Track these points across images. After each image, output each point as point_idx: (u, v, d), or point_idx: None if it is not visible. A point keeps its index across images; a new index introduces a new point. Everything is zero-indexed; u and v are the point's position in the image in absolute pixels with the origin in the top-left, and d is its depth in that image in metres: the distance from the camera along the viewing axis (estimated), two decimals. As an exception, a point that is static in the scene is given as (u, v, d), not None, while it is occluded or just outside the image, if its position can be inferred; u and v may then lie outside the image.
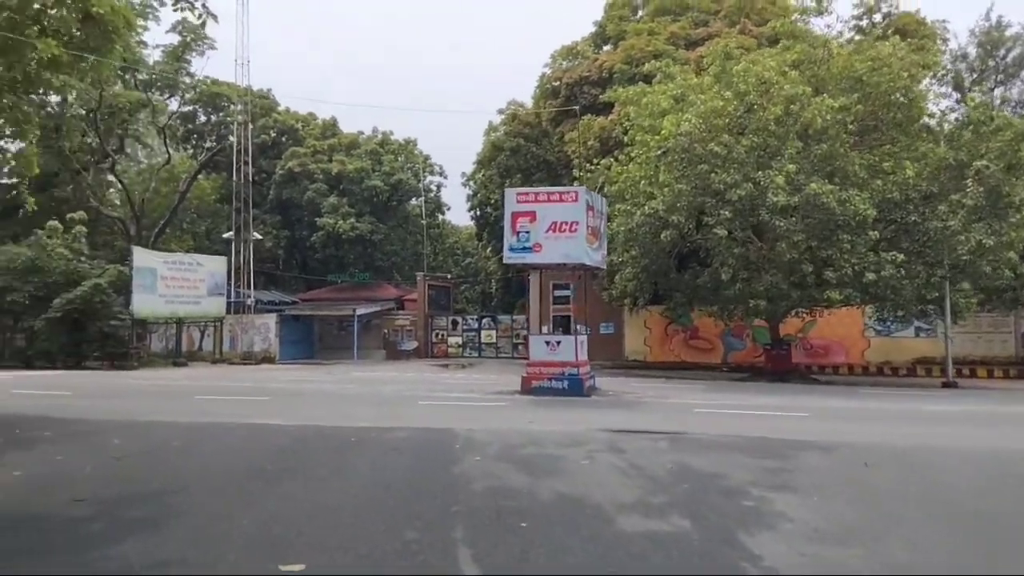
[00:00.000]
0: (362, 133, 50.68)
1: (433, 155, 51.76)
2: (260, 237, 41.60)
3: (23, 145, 19.32)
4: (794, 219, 22.31)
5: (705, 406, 16.23)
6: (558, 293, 42.44)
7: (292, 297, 47.08)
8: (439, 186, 51.29)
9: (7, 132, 18.34)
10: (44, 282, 32.18)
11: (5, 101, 16.43)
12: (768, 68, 23.42)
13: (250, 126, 43.85)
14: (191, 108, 48.44)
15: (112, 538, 6.14)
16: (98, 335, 32.25)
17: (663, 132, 23.62)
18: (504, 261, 19.65)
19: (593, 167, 29.44)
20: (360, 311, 41.73)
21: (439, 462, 9.39)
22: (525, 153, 40.60)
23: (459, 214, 57.50)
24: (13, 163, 27.05)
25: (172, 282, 35.09)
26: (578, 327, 41.48)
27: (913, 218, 23.51)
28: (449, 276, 47.38)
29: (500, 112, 42.52)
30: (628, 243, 25.68)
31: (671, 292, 27.24)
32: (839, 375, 32.06)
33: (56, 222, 34.68)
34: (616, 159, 27.49)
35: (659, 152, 23.84)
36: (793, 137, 23.01)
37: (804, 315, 29.23)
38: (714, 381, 26.00)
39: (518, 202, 18.60)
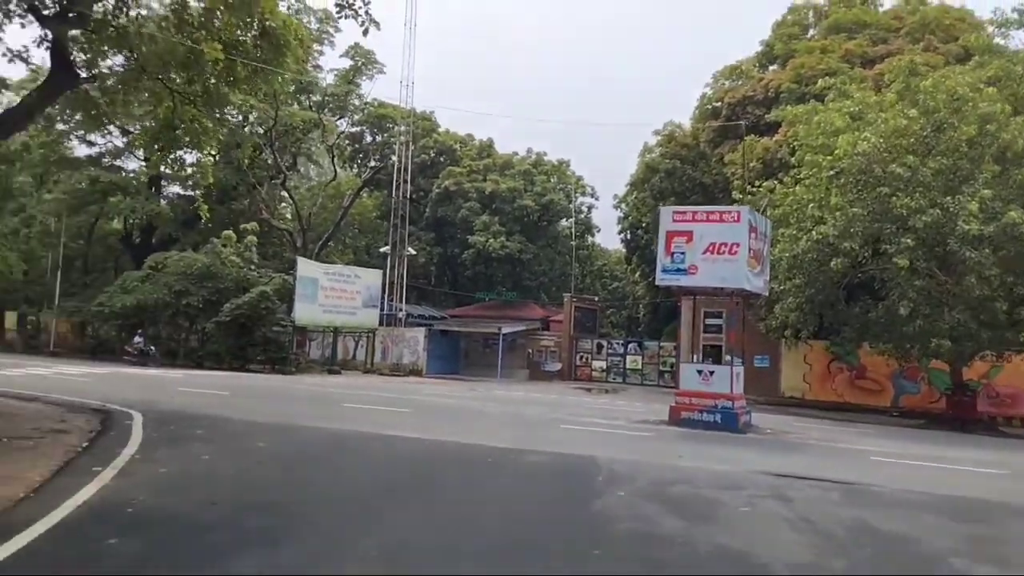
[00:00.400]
0: (516, 154, 51.13)
1: (585, 177, 51.46)
2: (414, 253, 42.63)
3: (199, 156, 20.72)
4: (987, 251, 19.84)
5: (881, 454, 14.45)
6: (710, 321, 40.89)
7: (441, 312, 47.90)
8: (590, 207, 50.93)
9: (187, 142, 19.50)
10: (217, 288, 34.35)
11: (187, 113, 17.40)
12: (961, 84, 21.10)
13: (411, 146, 45.25)
14: (359, 129, 50.74)
15: (233, 551, 5.84)
16: (262, 340, 33.95)
17: (837, 152, 21.78)
18: (656, 283, 18.64)
19: (755, 189, 27.78)
20: (505, 329, 41.71)
21: (579, 495, 8.63)
22: (681, 175, 39.26)
23: (609, 237, 56.83)
24: (191, 171, 29.06)
25: (331, 292, 36.47)
26: (731, 358, 39.52)
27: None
28: (596, 299, 46.57)
29: (656, 133, 41.54)
30: (792, 271, 23.85)
31: (838, 326, 25.04)
32: (1028, 426, 28.33)
33: (230, 232, 37.04)
34: (780, 181, 25.76)
35: (831, 173, 21.99)
36: (989, 160, 20.56)
37: (992, 359, 26.04)
38: (885, 426, 23.55)
39: (674, 220, 17.59)
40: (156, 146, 20.26)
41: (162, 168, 42.31)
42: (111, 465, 9.22)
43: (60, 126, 38.95)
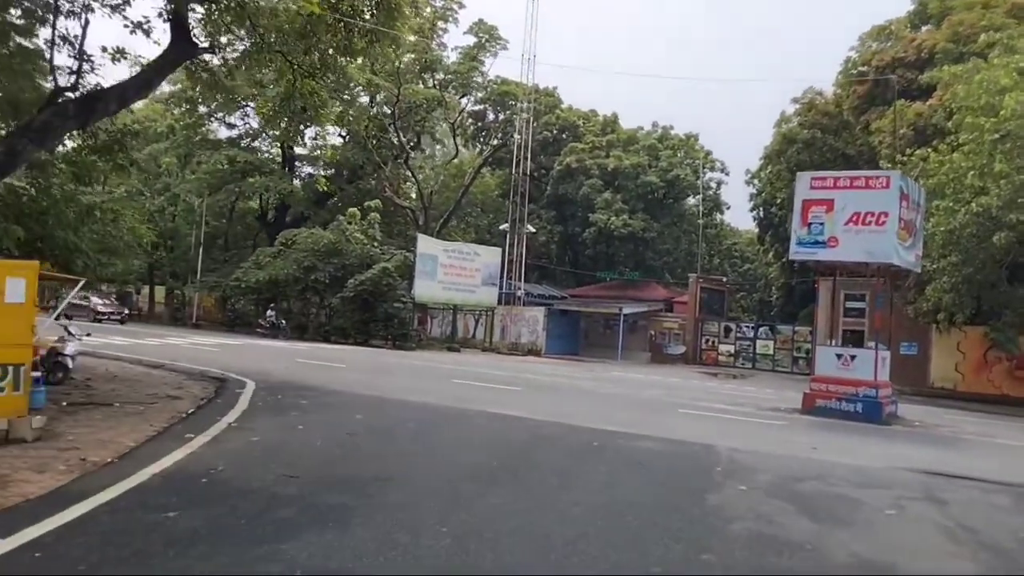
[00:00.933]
0: (641, 128, 49.31)
1: (715, 151, 48.90)
2: (533, 231, 41.96)
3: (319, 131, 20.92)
4: None
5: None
6: (850, 304, 37.76)
7: (561, 292, 47.09)
8: (719, 183, 48.19)
9: (306, 116, 19.53)
10: (342, 264, 35.04)
11: (306, 86, 17.37)
12: None
13: (532, 122, 44.53)
14: (482, 107, 50.49)
15: (294, 530, 5.28)
16: (383, 315, 34.36)
17: (1003, 112, 19.14)
18: (790, 257, 16.97)
19: (905, 159, 25.20)
20: (626, 310, 40.45)
21: (691, 487, 7.61)
22: (821, 146, 36.44)
23: (740, 215, 53.89)
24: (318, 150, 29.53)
25: (450, 270, 36.47)
26: (875, 343, 36.63)
27: None
28: (725, 280, 44.26)
29: (794, 101, 38.60)
30: (947, 247, 21.43)
31: (999, 309, 22.23)
32: None
33: (355, 209, 37.71)
34: (935, 149, 23.11)
35: (996, 136, 19.37)
36: None
37: None
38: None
39: (812, 187, 15.90)
40: (279, 121, 20.51)
41: (288, 145, 43.99)
42: (205, 432, 9.05)
43: (202, 108, 41.01)
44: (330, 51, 16.48)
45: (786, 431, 13.36)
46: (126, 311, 42.23)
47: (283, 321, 35.68)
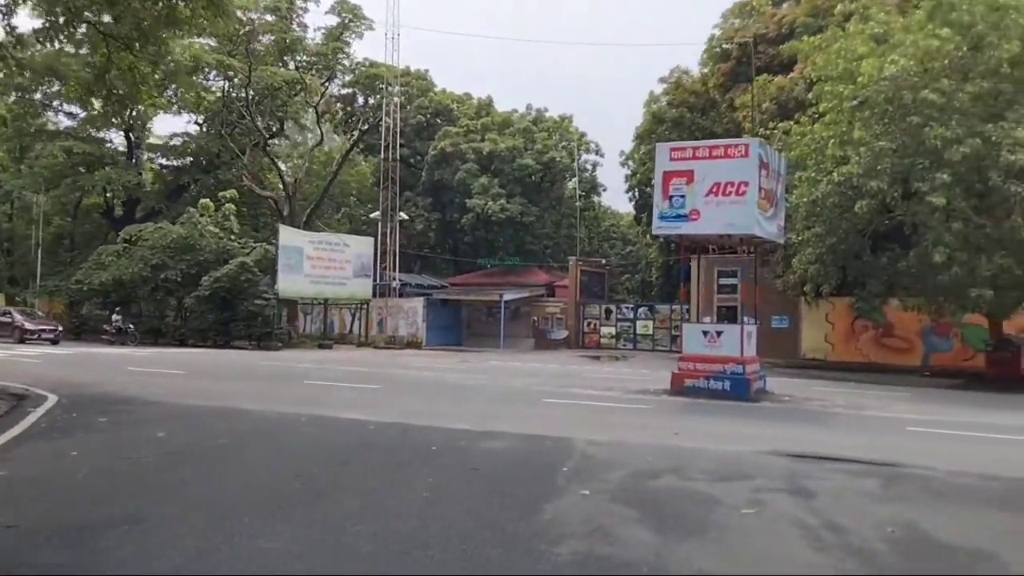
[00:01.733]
0: (516, 111, 48.46)
1: (590, 133, 48.64)
2: (406, 218, 40.33)
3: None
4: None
5: (920, 422, 12.14)
6: (723, 281, 38.42)
7: (442, 281, 45.76)
8: (595, 165, 47.98)
9: (122, 93, 17.30)
10: (196, 260, 32.35)
11: (124, 61, 15.37)
12: (1002, -6, 18.42)
13: (403, 106, 42.90)
14: (350, 91, 48.27)
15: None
16: (245, 314, 32.03)
17: (860, 79, 19.14)
18: (654, 231, 16.29)
19: (768, 132, 25.20)
20: (507, 297, 39.52)
21: (527, 497, 6.43)
22: (689, 125, 36.54)
23: (618, 197, 53.64)
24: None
25: (318, 262, 34.39)
26: (746, 319, 37.01)
27: None
28: (604, 261, 44.10)
29: (662, 80, 38.66)
30: (811, 218, 21.40)
31: (863, 279, 22.46)
32: (1079, 384, 25.80)
33: (207, 200, 34.97)
34: (797, 121, 23.13)
35: (854, 103, 19.36)
36: (1037, 80, 17.95)
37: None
38: (917, 388, 21.15)
39: (672, 159, 15.19)
40: (93, 100, 18.27)
41: (134, 133, 40.49)
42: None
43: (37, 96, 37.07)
44: (146, 22, 14.51)
45: (651, 415, 12.56)
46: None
47: (131, 326, 32.58)
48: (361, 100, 48.94)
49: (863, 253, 21.84)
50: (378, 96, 47.83)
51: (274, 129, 44.88)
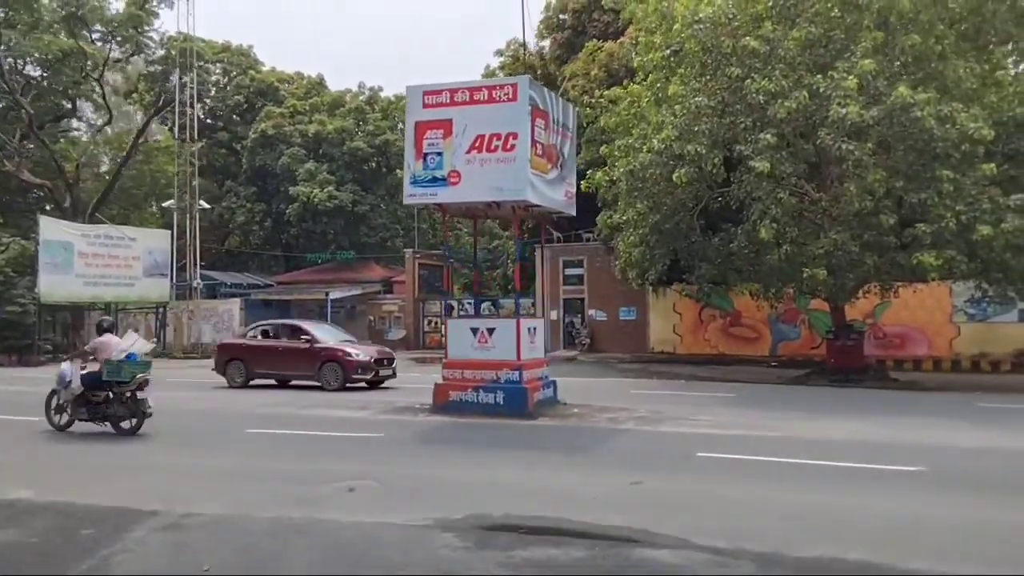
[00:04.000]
0: (349, 91, 44.12)
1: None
2: (207, 206, 35.24)
3: None
4: (869, 145, 14.91)
5: (721, 442, 9.09)
6: (569, 271, 35.63)
7: (267, 280, 40.93)
8: None
9: None
10: (-65, 263, 26.54)
11: None
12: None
13: (176, 75, 37.87)
14: (158, 68, 42.56)
15: None
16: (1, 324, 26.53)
17: (676, 27, 16.30)
18: (405, 200, 12.67)
19: (595, 101, 22.33)
20: (335, 295, 35.42)
21: None
22: (527, 102, 33.47)
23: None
24: None
25: (95, 260, 29.01)
26: (594, 311, 33.99)
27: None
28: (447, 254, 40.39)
29: (498, 54, 35.34)
30: (632, 194, 18.53)
31: (693, 263, 19.82)
32: (922, 371, 24.41)
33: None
34: (624, 87, 20.26)
35: (667, 53, 16.50)
36: (868, 27, 15.57)
37: (877, 292, 21.72)
38: (752, 385, 18.72)
39: (426, 105, 11.63)
40: None
41: None
42: None
43: None
44: None
45: (380, 449, 8.99)
46: None
47: None
48: (174, 79, 43.26)
49: (692, 233, 19.15)
50: (192, 73, 42.44)
51: (66, 107, 38.80)
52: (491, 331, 11.72)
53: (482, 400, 11.43)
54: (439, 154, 11.31)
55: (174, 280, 33.36)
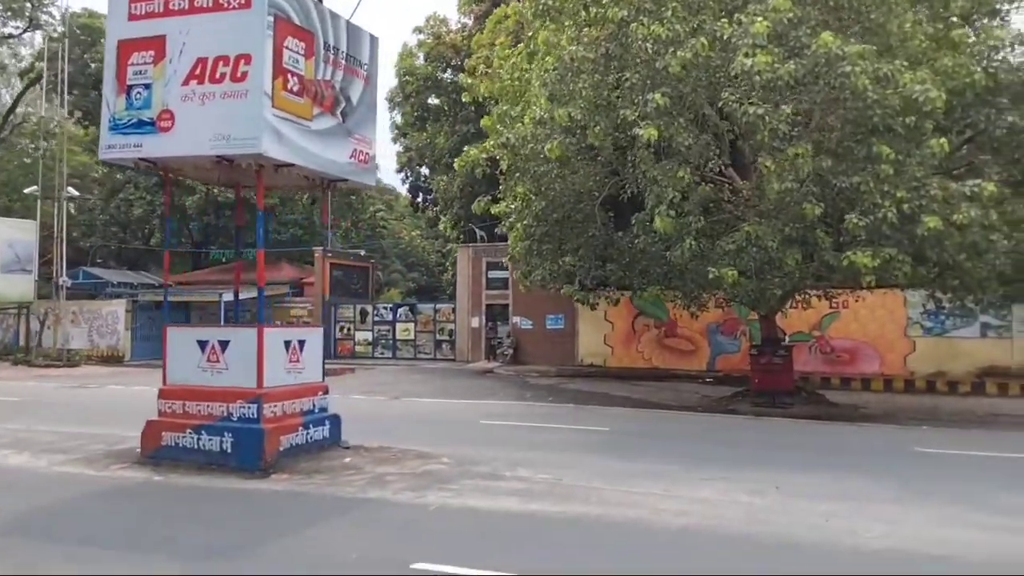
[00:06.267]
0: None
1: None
2: (76, 194, 31.23)
3: None
4: (785, 108, 11.55)
5: (489, 528, 5.66)
6: (493, 274, 32.04)
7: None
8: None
9: None
10: None
11: None
12: None
13: (62, 50, 34.11)
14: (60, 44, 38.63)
15: None
16: None
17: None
18: (100, 156, 8.92)
19: (493, 71, 18.94)
20: (229, 296, 31.55)
21: None
22: (448, 85, 30.06)
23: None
24: None
25: (-67, 252, 25.22)
26: (518, 319, 30.28)
27: (1011, 118, 12.67)
28: (362, 252, 36.82)
29: (417, 31, 31.60)
30: (513, 175, 15.13)
31: (592, 262, 16.36)
32: (871, 391, 21.38)
33: None
34: (510, 46, 16.88)
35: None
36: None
37: (806, 302, 18.51)
38: (662, 412, 15.40)
39: (133, 16, 8.03)
40: None
41: None
42: None
43: None
44: None
45: None
46: None
47: None
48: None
49: (591, 226, 15.73)
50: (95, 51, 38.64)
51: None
52: (224, 345, 8.13)
53: (204, 445, 7.87)
54: (147, 86, 7.79)
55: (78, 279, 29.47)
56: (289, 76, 7.83)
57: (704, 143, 12.42)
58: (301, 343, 8.58)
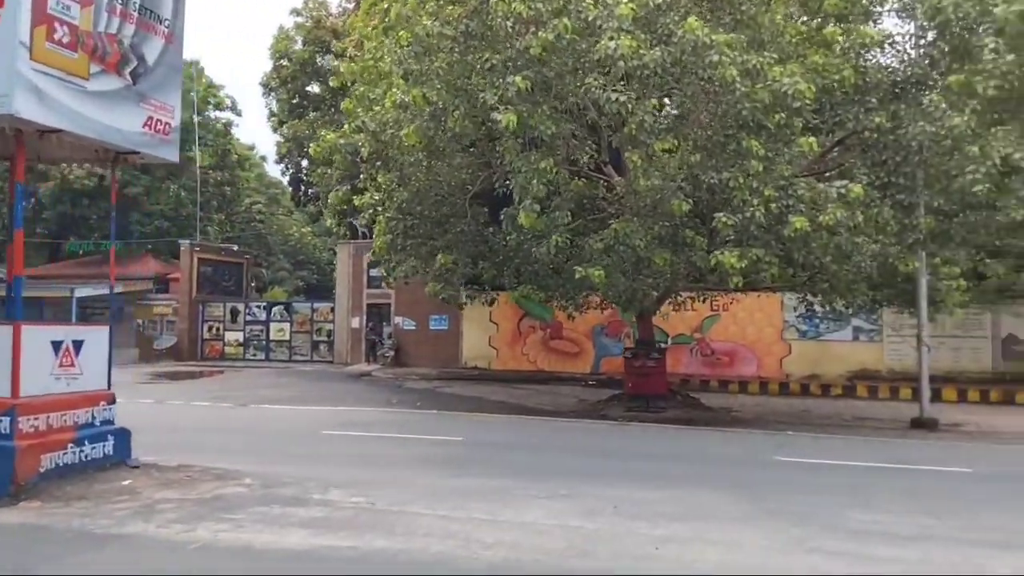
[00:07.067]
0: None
1: (234, 88, 38.87)
2: None
3: None
4: (654, 102, 10.94)
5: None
6: (375, 272, 30.64)
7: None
8: (229, 125, 37.88)
9: None
10: None
11: None
12: None
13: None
14: None
15: None
16: None
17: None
18: None
19: (360, 53, 17.75)
20: (81, 292, 29.14)
21: None
22: (327, 73, 28.51)
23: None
24: None
25: None
26: (399, 319, 28.99)
27: (877, 119, 12.52)
28: (237, 248, 34.67)
29: (295, 13, 29.91)
30: (374, 162, 14.01)
31: (461, 257, 15.41)
32: (748, 394, 21.44)
33: None
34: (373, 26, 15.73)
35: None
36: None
37: (676, 304, 18.26)
38: (529, 419, 14.64)
39: None
40: None
41: None
42: None
43: None
44: None
45: None
46: None
47: None
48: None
49: (460, 220, 14.79)
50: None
51: None
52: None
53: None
54: None
55: None
56: (56, 24, 6.49)
57: (569, 133, 11.68)
58: (77, 344, 7.22)
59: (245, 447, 9.67)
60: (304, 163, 34.45)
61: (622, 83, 10.74)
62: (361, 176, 14.61)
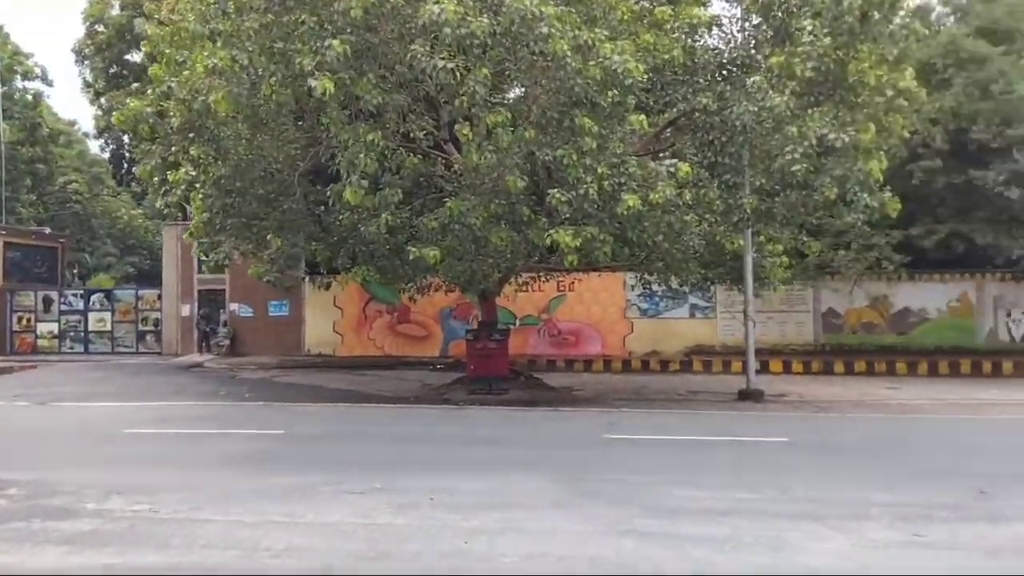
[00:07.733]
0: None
1: (40, 54, 34.95)
2: None
3: None
4: (485, 72, 10.53)
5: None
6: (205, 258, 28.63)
7: None
8: (39, 96, 34.14)
9: None
10: None
11: None
12: None
13: None
14: None
15: None
16: None
17: None
18: None
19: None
20: None
21: None
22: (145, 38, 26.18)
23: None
24: None
25: None
26: (236, 305, 27.50)
27: (704, 100, 12.73)
28: (50, 231, 31.44)
29: (107, -13, 27.23)
30: (188, 133, 12.78)
31: (294, 240, 14.46)
32: (592, 372, 21.78)
33: None
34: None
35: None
36: None
37: (520, 284, 18.19)
38: (370, 408, 13.98)
39: None
40: None
41: None
42: None
43: None
44: None
45: None
46: None
47: None
48: None
49: (288, 199, 13.82)
50: None
51: None
52: None
53: None
54: None
55: None
56: None
57: (401, 105, 11.07)
58: None
59: (25, 452, 8.48)
60: (127, 139, 31.67)
61: (452, 53, 10.26)
62: (173, 149, 13.27)
